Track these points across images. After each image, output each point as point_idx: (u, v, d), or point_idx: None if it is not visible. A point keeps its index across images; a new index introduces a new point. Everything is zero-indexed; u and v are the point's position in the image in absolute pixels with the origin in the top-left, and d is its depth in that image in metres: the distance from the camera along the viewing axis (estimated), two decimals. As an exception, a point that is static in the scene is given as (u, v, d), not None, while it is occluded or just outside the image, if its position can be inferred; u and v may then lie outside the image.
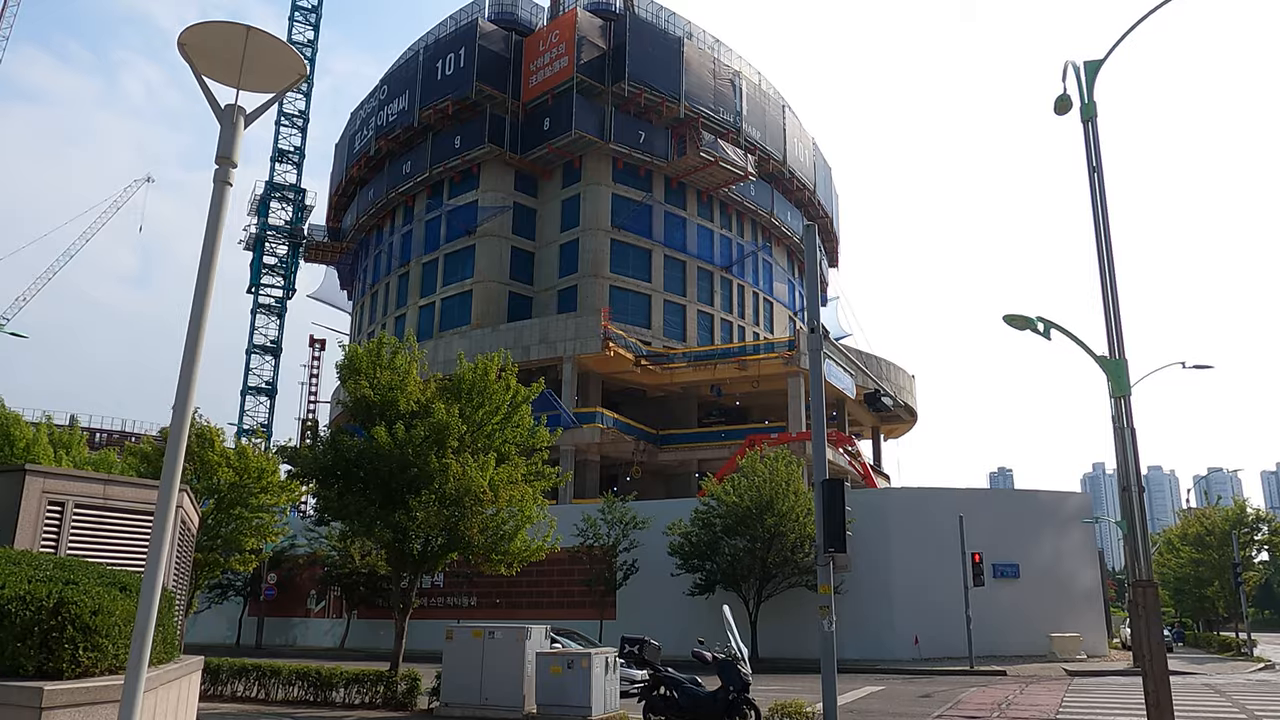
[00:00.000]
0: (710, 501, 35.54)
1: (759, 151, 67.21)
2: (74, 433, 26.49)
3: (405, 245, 69.27)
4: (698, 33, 69.50)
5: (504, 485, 17.69)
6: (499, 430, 18.88)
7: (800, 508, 33.82)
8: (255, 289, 73.06)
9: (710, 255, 66.48)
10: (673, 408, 61.80)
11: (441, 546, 18.36)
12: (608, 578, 37.93)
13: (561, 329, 55.21)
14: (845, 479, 59.31)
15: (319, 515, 18.83)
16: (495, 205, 63.10)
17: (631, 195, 63.09)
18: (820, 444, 15.04)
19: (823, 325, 15.83)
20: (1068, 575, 38.07)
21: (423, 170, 66.11)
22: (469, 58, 63.12)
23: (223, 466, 19.96)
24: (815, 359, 15.50)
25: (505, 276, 63.12)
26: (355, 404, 18.27)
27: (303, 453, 18.55)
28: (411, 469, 17.24)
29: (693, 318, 64.06)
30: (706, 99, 64.12)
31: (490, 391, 18.83)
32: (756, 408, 64.29)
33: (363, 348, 18.79)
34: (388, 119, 68.83)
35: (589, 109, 61.28)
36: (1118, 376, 11.86)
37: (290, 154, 74.96)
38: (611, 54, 62.58)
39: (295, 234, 74.20)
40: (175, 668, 7.60)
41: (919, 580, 35.87)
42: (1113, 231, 12.63)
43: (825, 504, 14.17)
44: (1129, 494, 11.61)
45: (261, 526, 20.63)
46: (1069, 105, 15.19)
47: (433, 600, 44.02)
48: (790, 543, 33.64)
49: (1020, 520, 38.22)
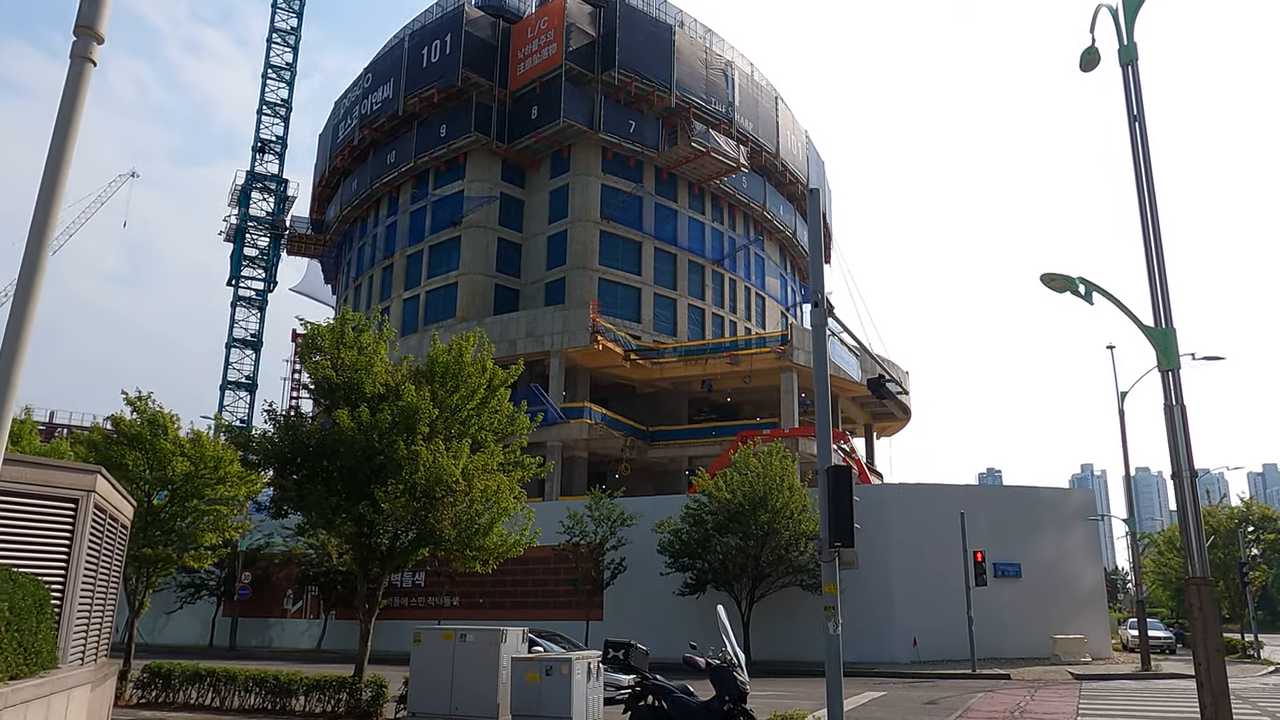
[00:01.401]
0: (701, 498, 34.17)
1: (751, 143, 65.86)
2: (25, 424, 24.89)
3: (390, 237, 67.67)
4: (689, 22, 68.05)
5: (478, 474, 16.22)
6: (475, 416, 17.41)
7: (795, 504, 32.49)
8: (236, 281, 71.32)
9: (702, 248, 65.11)
10: (663, 404, 60.44)
11: (412, 541, 16.88)
12: (595, 577, 36.52)
13: (549, 322, 53.76)
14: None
15: (275, 507, 17.41)
16: (482, 195, 61.58)
17: (621, 186, 61.65)
18: (825, 425, 13.65)
19: (828, 300, 14.47)
20: (1070, 575, 36.84)
21: (408, 160, 64.50)
22: (455, 44, 61.57)
23: (177, 456, 18.43)
24: (819, 335, 14.12)
25: (491, 269, 61.59)
26: (317, 386, 16.80)
27: (256, 439, 17.08)
28: (378, 456, 15.77)
29: (684, 312, 62.69)
30: (698, 89, 62.74)
31: (466, 374, 17.36)
32: (748, 404, 62.97)
33: (326, 325, 17.30)
34: (372, 107, 67.22)
35: (578, 97, 59.82)
36: (1166, 348, 10.50)
37: (272, 144, 73.26)
38: (601, 42, 61.13)
39: (277, 225, 72.50)
40: (39, 683, 6.14)
41: (918, 579, 34.58)
42: (1157, 190, 11.28)
43: (831, 493, 12.78)
44: (1180, 480, 10.25)
45: (220, 520, 19.08)
46: (1096, 60, 13.85)
47: (414, 600, 42.52)
48: (784, 540, 32.30)
49: (1021, 518, 36.97)
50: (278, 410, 17.32)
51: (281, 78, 74.09)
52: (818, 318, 14.12)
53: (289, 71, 74.51)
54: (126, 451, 18.82)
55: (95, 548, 10.13)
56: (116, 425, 18.83)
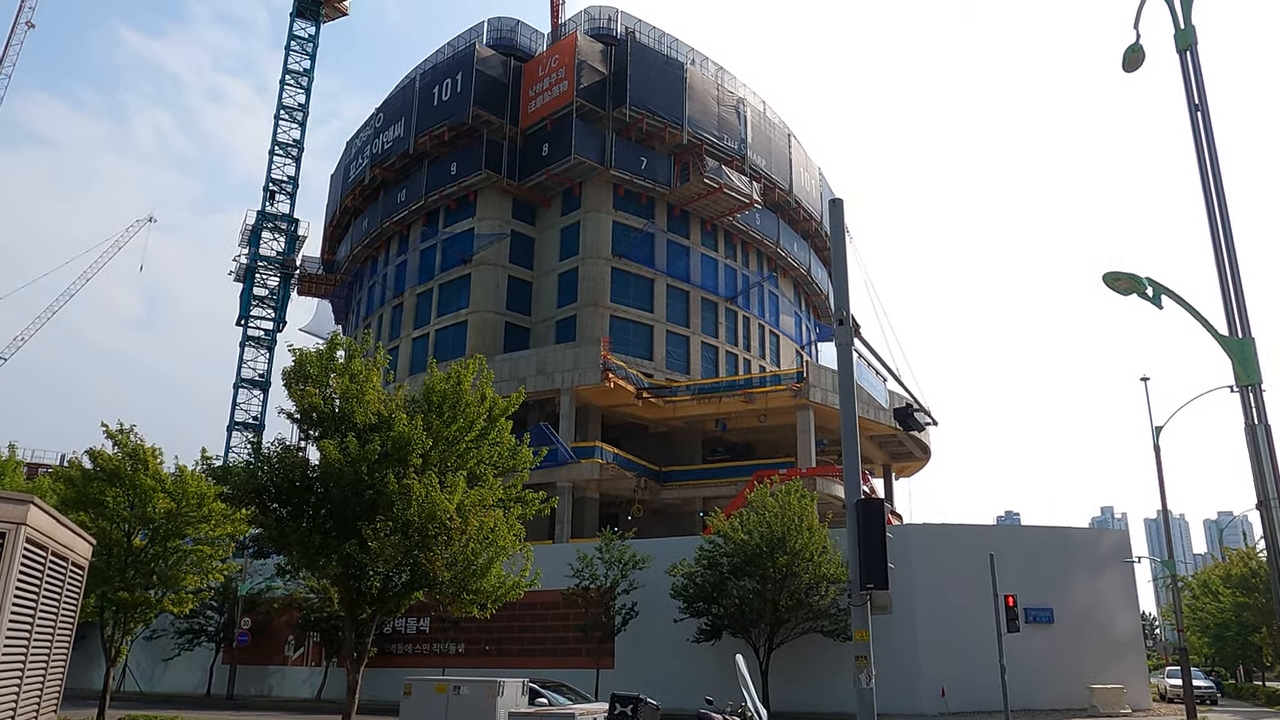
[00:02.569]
0: (716, 539, 32.69)
1: (764, 180, 65.16)
2: (9, 461, 23.87)
3: (399, 276, 67.11)
4: (701, 60, 67.89)
5: (475, 510, 15.00)
6: (473, 448, 16.24)
7: (815, 545, 30.98)
8: (245, 321, 70.72)
9: (714, 285, 64.17)
10: (675, 443, 59.09)
11: (404, 584, 15.62)
12: (605, 623, 34.94)
13: (559, 360, 52.72)
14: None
15: (256, 546, 16.26)
16: (492, 233, 60.98)
17: (633, 223, 60.97)
18: (853, 455, 12.42)
19: (853, 318, 13.31)
20: (1106, 620, 35.02)
21: (418, 198, 64.10)
22: (466, 83, 61.43)
23: (158, 492, 17.31)
24: (845, 355, 12.95)
25: (501, 307, 60.76)
26: (304, 416, 15.69)
27: (235, 471, 15.93)
28: (367, 491, 14.58)
29: (696, 349, 61.56)
30: (710, 125, 62.27)
31: (464, 404, 16.22)
32: (763, 443, 61.53)
33: (314, 350, 16.23)
34: (383, 147, 67.08)
35: (589, 134, 59.40)
36: (1245, 359, 9.26)
37: (284, 184, 73.10)
38: (612, 79, 60.88)
39: (287, 265, 72.06)
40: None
41: (945, 625, 32.86)
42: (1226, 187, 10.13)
43: (862, 529, 11.51)
44: (1267, 508, 8.95)
45: (203, 561, 17.88)
46: (1140, 58, 12.82)
47: (417, 647, 40.96)
48: (804, 584, 30.74)
49: (1052, 560, 35.26)
50: (262, 443, 16.19)
51: (294, 118, 74.19)
52: (843, 336, 12.96)
53: (301, 112, 74.64)
54: (106, 488, 17.72)
55: (30, 588, 8.94)
56: (95, 459, 17.72)
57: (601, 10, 67.12)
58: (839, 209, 13.70)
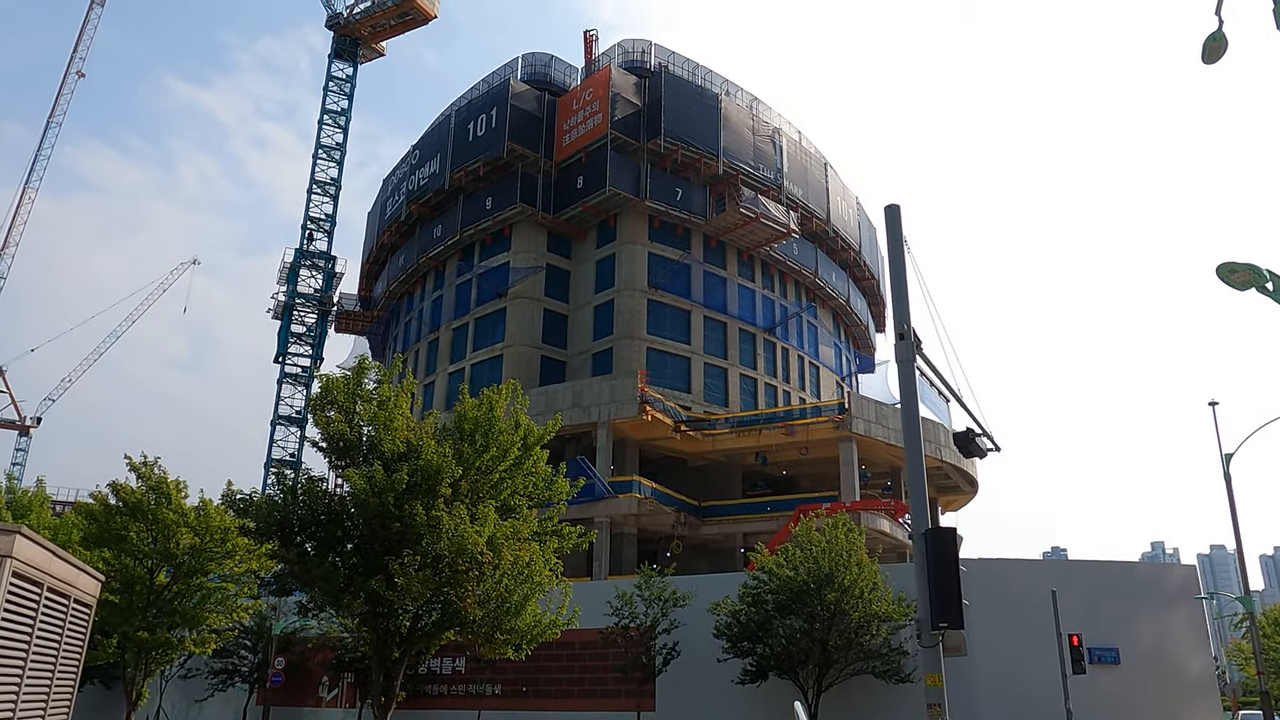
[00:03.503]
0: (761, 575, 31.36)
1: (801, 209, 64.29)
2: (37, 495, 23.44)
3: (435, 311, 67.00)
4: (735, 90, 67.60)
5: (507, 543, 14.08)
6: (506, 478, 15.36)
7: (864, 582, 29.55)
8: (282, 358, 70.97)
9: (752, 316, 63.17)
10: (714, 477, 57.83)
11: (434, 623, 14.69)
12: (645, 663, 33.65)
13: (596, 392, 51.90)
14: (905, 550, 54.66)
15: (279, 583, 15.45)
16: (527, 266, 60.65)
17: (669, 254, 60.33)
18: (919, 479, 11.36)
19: (914, 332, 12.31)
20: (1175, 660, 33.05)
21: (453, 233, 64.08)
22: (500, 117, 61.55)
23: (181, 528, 16.63)
24: (906, 371, 11.94)
25: (537, 340, 60.22)
26: (330, 444, 14.94)
27: (257, 503, 15.19)
28: (394, 524, 13.74)
29: (735, 381, 60.45)
30: (746, 155, 61.68)
31: (497, 431, 15.37)
32: (804, 477, 60.10)
33: (340, 376, 15.52)
34: (419, 183, 67.33)
35: (624, 166, 59.06)
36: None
37: (321, 221, 73.70)
38: (646, 111, 60.64)
39: (324, 302, 72.40)
40: None
41: (1004, 666, 31.15)
42: None
43: (932, 561, 10.43)
44: None
45: (226, 600, 17.12)
46: (1223, 47, 11.82)
47: (453, 688, 39.87)
48: (854, 622, 29.28)
49: (1116, 597, 33.43)
50: (286, 473, 15.45)
51: (331, 157, 74.97)
52: (904, 351, 11.95)
53: (339, 151, 75.42)
54: (129, 523, 17.07)
55: (20, 626, 8.14)
56: (117, 492, 17.10)
57: (635, 44, 67.22)
58: (895, 215, 12.76)
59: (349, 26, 76.32)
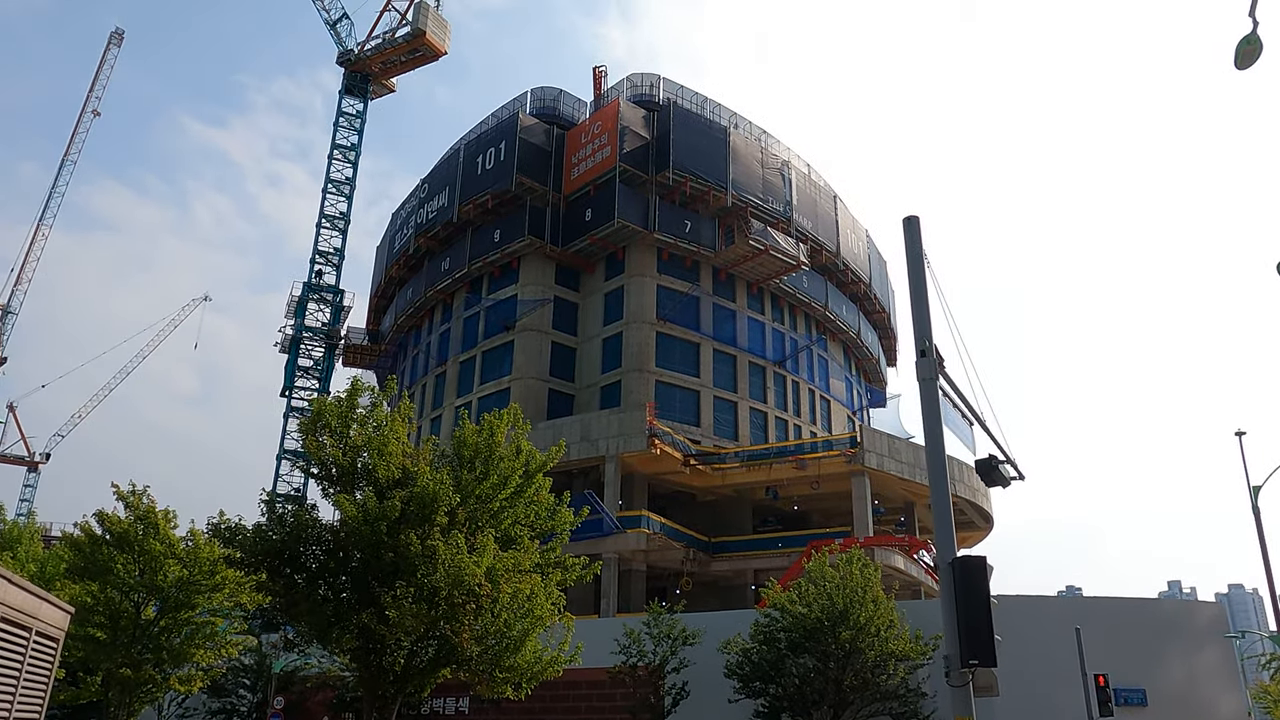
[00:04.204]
0: (773, 613, 30.35)
1: (811, 242, 63.87)
2: (28, 528, 22.80)
3: (443, 344, 66.62)
4: (745, 124, 67.58)
5: (507, 575, 13.34)
6: (507, 507, 14.65)
7: (880, 619, 28.53)
8: (289, 392, 70.53)
9: (762, 349, 62.54)
10: (724, 513, 56.87)
11: (430, 661, 13.92)
12: (654, 703, 32.53)
13: (604, 426, 51.19)
14: (919, 588, 53.39)
15: (265, 616, 14.72)
16: (535, 299, 60.28)
17: (677, 287, 59.91)
18: (944, 502, 10.62)
19: (936, 350, 11.63)
20: (1206, 703, 31.78)
21: (462, 266, 63.88)
22: (509, 151, 61.55)
23: (169, 559, 15.94)
24: (929, 390, 11.26)
25: (545, 373, 59.65)
26: (321, 469, 14.29)
27: (242, 531, 14.50)
28: (387, 553, 13.02)
29: (745, 415, 59.66)
30: (755, 188, 61.45)
31: (497, 458, 14.70)
32: (816, 512, 59.10)
33: (332, 399, 14.91)
34: (427, 217, 67.30)
35: (632, 198, 58.85)
36: None
37: (330, 255, 73.67)
38: (655, 143, 60.56)
39: (332, 335, 72.12)
40: None
41: (1026, 708, 29.91)
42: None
43: (963, 594, 9.66)
44: None
45: (215, 635, 16.37)
46: (1258, 50, 11.28)
47: (456, 729, 38.75)
48: (870, 661, 28.22)
49: (1142, 636, 32.26)
50: (277, 501, 14.77)
51: (341, 192, 75.09)
52: (926, 369, 11.28)
53: (349, 186, 75.57)
54: (115, 554, 16.38)
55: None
56: (103, 522, 16.43)
57: (643, 78, 67.42)
58: (915, 227, 12.15)
59: (360, 63, 76.82)
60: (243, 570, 15.26)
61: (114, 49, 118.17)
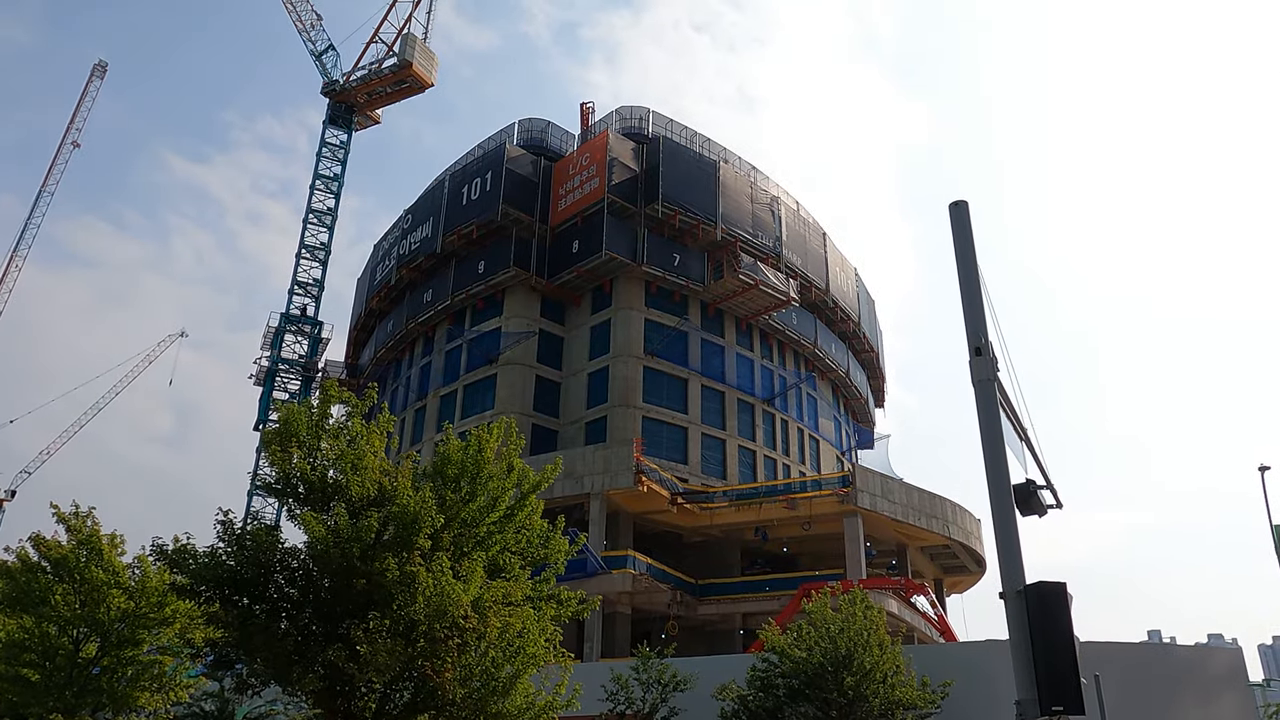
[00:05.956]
0: (771, 657, 28.64)
1: (800, 278, 63.00)
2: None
3: (424, 378, 64.81)
4: (735, 159, 66.99)
5: (496, 608, 11.69)
6: (496, 531, 13.04)
7: (886, 664, 26.88)
8: (262, 426, 68.30)
9: (751, 386, 61.20)
10: (712, 554, 55.02)
11: (406, 705, 12.19)
12: (643, 755, 30.52)
13: (589, 462, 49.43)
14: (912, 634, 51.59)
15: (216, 653, 12.92)
16: (520, 331, 58.78)
17: (665, 321, 58.64)
18: (1010, 523, 9.17)
19: (991, 348, 10.27)
20: (1224, 755, 30.22)
21: (444, 298, 62.34)
22: (496, 181, 60.46)
23: (112, 588, 14.17)
24: (986, 392, 9.86)
25: (529, 408, 57.90)
26: (285, 484, 12.66)
27: (193, 555, 12.78)
28: (359, 580, 11.36)
29: (733, 453, 58.12)
30: (744, 223, 60.62)
31: (485, 476, 13.12)
32: (806, 555, 57.25)
33: (301, 407, 13.32)
34: (410, 247, 65.90)
35: (620, 230, 57.76)
36: None
37: (309, 285, 72.07)
38: (644, 176, 59.69)
39: (309, 368, 70.25)
40: None
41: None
42: None
43: (1039, 629, 8.15)
44: None
45: (163, 677, 14.54)
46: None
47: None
48: (875, 710, 26.51)
49: (1156, 682, 30.73)
50: (234, 520, 13.08)
51: (322, 222, 73.80)
52: (982, 370, 9.89)
53: (330, 216, 74.31)
54: (53, 583, 14.58)
55: None
56: (38, 547, 14.63)
57: (633, 111, 66.82)
58: (963, 213, 10.84)
59: (345, 93, 76.03)
60: (195, 601, 13.45)
61: (97, 81, 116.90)
